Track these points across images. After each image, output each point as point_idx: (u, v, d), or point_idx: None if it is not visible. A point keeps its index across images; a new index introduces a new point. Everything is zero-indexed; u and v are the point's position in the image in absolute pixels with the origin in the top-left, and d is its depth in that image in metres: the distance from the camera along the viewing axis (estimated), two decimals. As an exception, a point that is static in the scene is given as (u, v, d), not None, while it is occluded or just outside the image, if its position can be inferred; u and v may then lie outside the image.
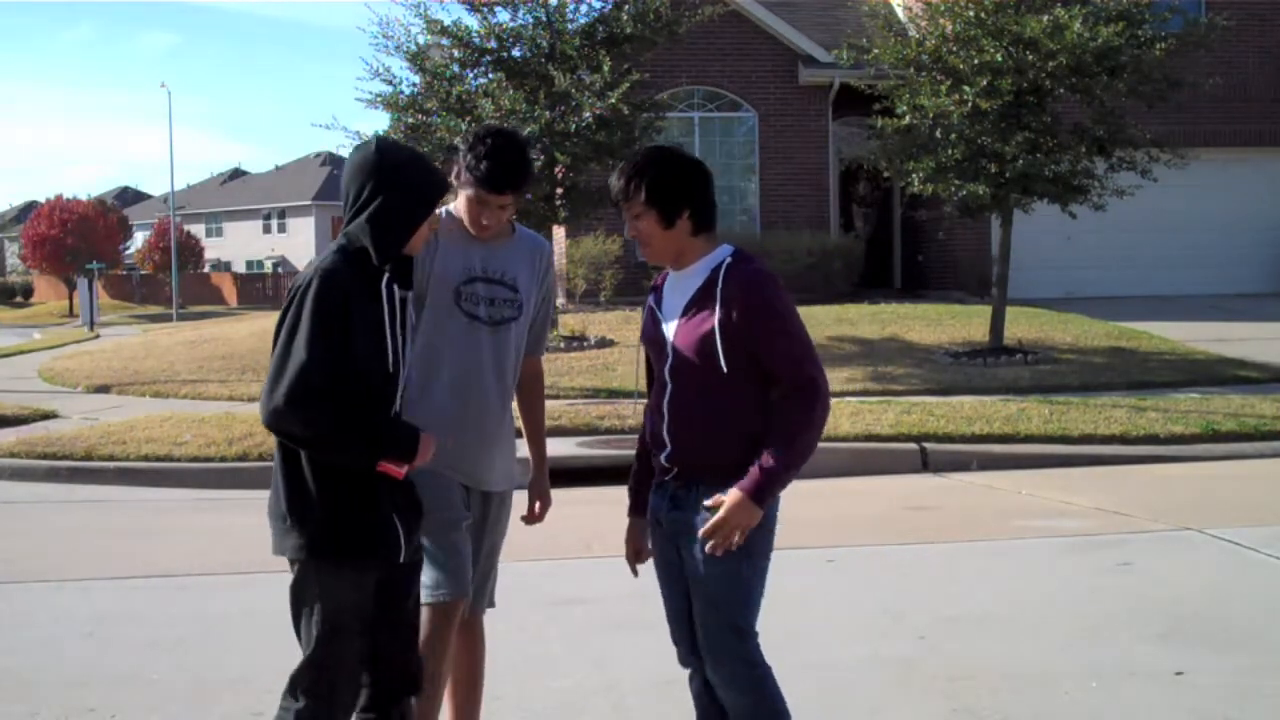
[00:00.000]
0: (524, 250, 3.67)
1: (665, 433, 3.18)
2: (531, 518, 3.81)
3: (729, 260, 3.19)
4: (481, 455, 3.59)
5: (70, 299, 50.78)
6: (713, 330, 3.09)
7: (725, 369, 3.10)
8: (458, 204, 3.61)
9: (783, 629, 5.45)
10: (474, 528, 3.62)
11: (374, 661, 3.12)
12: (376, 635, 3.10)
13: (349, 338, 2.95)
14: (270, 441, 3.21)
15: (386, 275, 3.05)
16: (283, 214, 73.22)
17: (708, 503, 3.07)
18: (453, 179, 3.58)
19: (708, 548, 3.05)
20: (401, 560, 3.10)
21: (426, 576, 3.43)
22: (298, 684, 3.06)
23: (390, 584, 3.11)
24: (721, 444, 3.12)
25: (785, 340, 3.16)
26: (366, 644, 3.07)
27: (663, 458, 3.20)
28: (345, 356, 2.94)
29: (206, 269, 66.03)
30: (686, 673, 3.35)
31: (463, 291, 3.54)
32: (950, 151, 12.95)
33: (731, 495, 3.02)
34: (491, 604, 3.77)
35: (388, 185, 3.04)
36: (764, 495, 3.04)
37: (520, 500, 3.80)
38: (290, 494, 3.01)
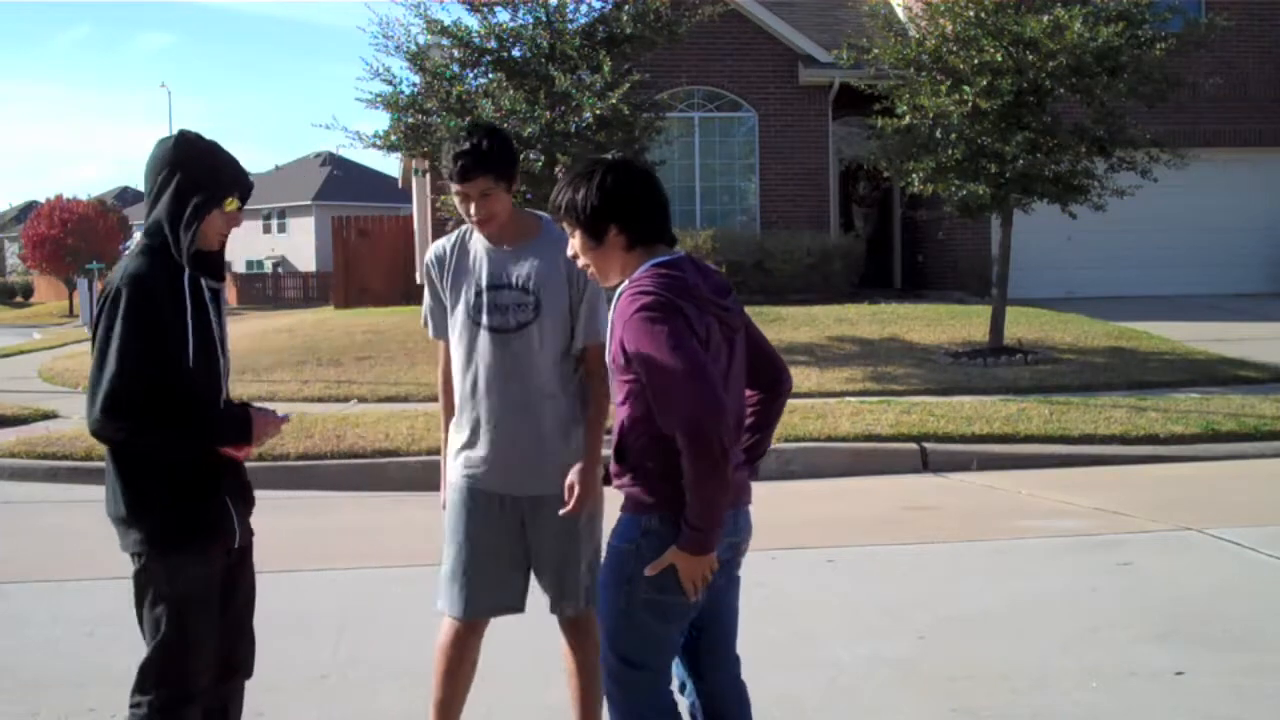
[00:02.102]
0: (546, 247, 3.65)
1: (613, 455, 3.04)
2: (566, 508, 3.61)
3: (630, 279, 2.95)
4: (512, 461, 3.61)
5: (70, 299, 50.78)
6: (612, 362, 2.95)
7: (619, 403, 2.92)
8: (460, 211, 3.69)
9: (783, 629, 5.46)
10: (513, 534, 3.64)
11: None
12: None
13: (164, 339, 3.00)
14: (270, 440, 3.28)
15: (187, 271, 3.05)
16: (283, 214, 73.17)
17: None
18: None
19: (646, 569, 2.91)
20: (237, 545, 3.20)
21: (440, 588, 3.66)
22: (148, 675, 3.08)
23: (223, 568, 3.19)
24: (635, 478, 2.95)
25: (659, 376, 2.80)
26: (213, 626, 3.13)
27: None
28: (163, 359, 2.99)
29: (206, 269, 65.92)
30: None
31: (473, 304, 3.63)
32: (950, 151, 12.95)
33: (670, 553, 2.86)
34: (588, 601, 3.66)
35: (177, 174, 3.06)
36: (694, 546, 2.83)
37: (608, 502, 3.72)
38: (126, 492, 3.08)
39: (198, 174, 3.06)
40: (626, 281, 2.95)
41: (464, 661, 3.74)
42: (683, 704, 3.14)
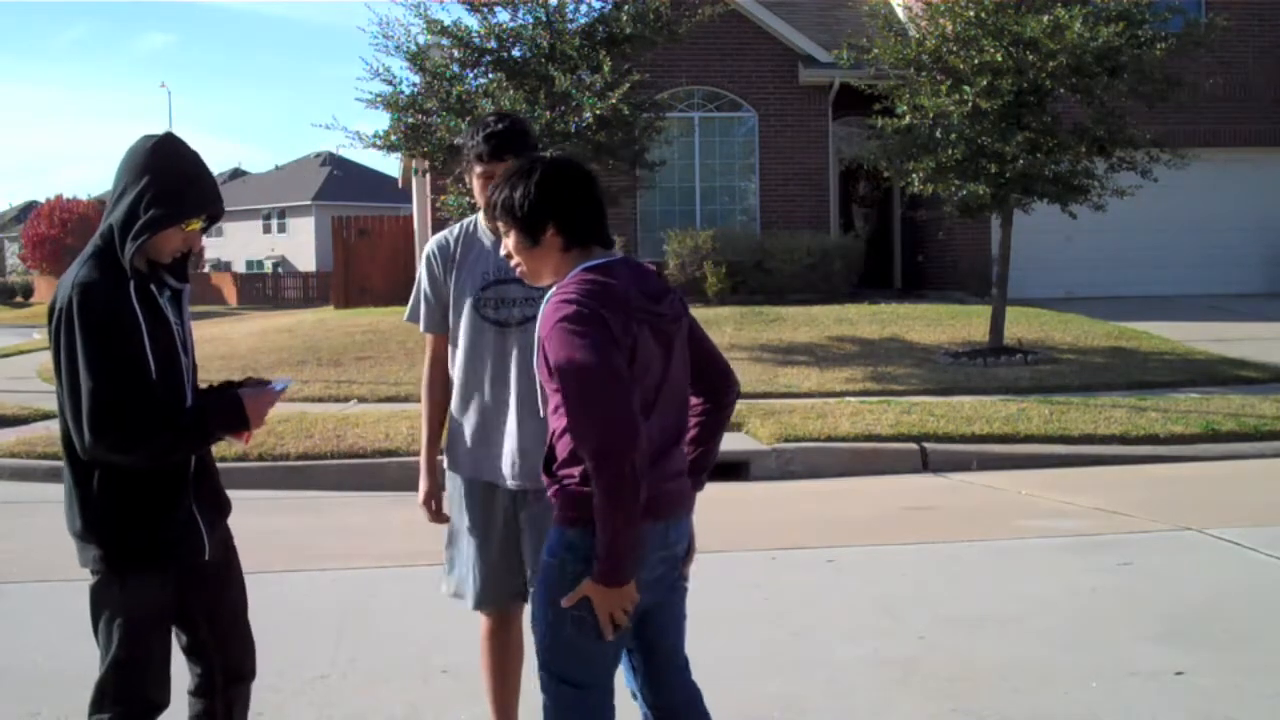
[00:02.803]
0: None
1: None
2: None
3: (558, 284, 2.83)
4: (513, 454, 3.63)
5: (70, 299, 50.73)
6: (540, 370, 2.84)
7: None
8: (477, 199, 3.72)
9: (783, 629, 5.46)
10: (512, 524, 3.67)
11: (199, 651, 3.15)
12: (196, 628, 3.13)
13: (127, 344, 2.87)
14: (269, 440, 3.27)
15: (132, 281, 2.90)
16: (283, 214, 73.20)
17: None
18: (465, 174, 3.78)
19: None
20: (206, 558, 3.07)
21: (451, 582, 3.78)
22: (105, 692, 3.00)
23: (200, 578, 3.09)
24: (561, 490, 2.86)
25: (573, 394, 2.69)
26: (169, 643, 3.06)
27: None
28: (133, 364, 2.87)
29: (206, 269, 66.01)
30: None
31: (480, 298, 3.66)
32: (950, 151, 12.95)
33: (585, 584, 2.75)
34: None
35: (143, 180, 2.91)
36: (605, 579, 2.71)
37: None
38: (83, 510, 2.95)
39: (166, 187, 2.91)
40: (555, 286, 2.83)
41: (504, 652, 3.78)
42: (636, 713, 3.07)
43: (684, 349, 2.93)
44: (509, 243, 2.92)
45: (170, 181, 2.92)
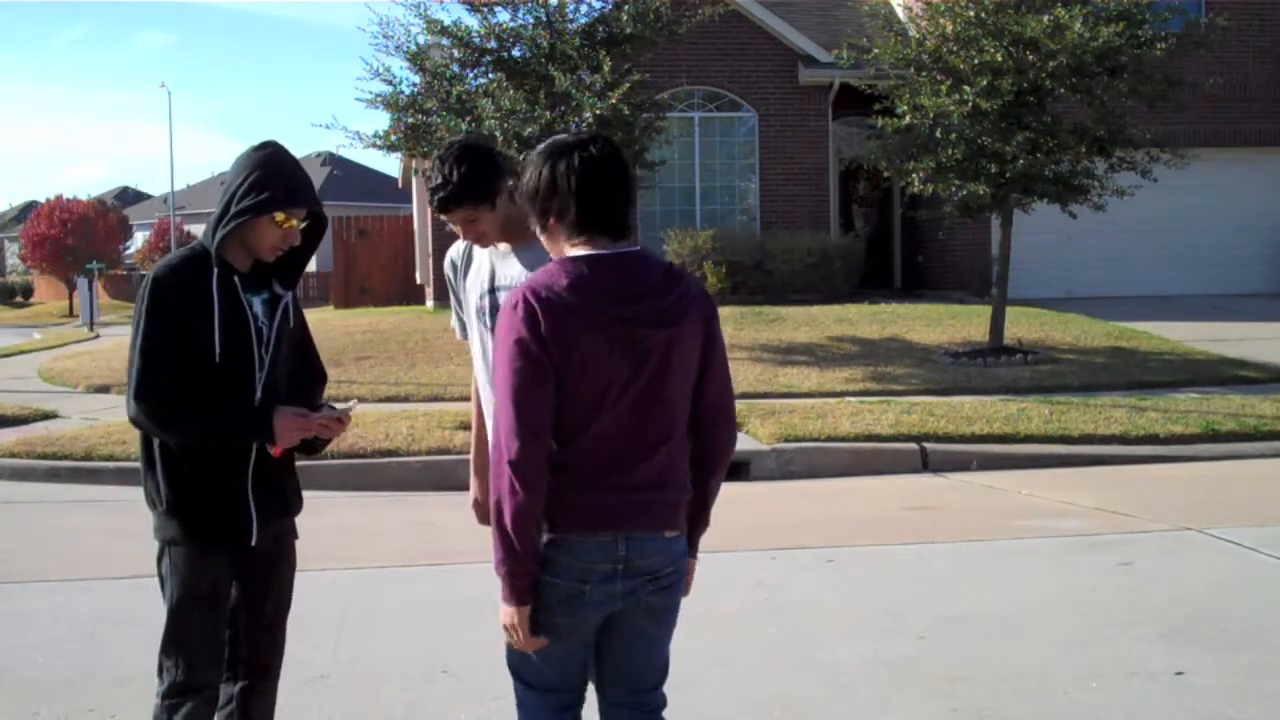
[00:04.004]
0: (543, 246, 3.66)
1: None
2: None
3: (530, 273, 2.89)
4: None
5: (70, 299, 50.73)
6: None
7: None
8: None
9: (783, 629, 5.46)
10: None
11: (236, 639, 3.22)
12: (236, 616, 3.21)
13: (182, 332, 3.04)
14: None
15: (215, 270, 3.09)
16: (283, 214, 73.24)
17: None
18: None
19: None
20: (254, 544, 3.16)
21: None
22: (161, 663, 3.14)
23: (248, 567, 3.20)
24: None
25: (495, 390, 2.69)
26: (221, 620, 3.15)
27: None
28: (184, 350, 3.05)
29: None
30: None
31: (480, 306, 3.68)
32: (950, 151, 12.95)
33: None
34: None
35: (243, 176, 3.12)
36: (503, 593, 2.70)
37: None
38: (145, 479, 3.14)
39: (257, 181, 3.10)
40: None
41: None
42: None
43: (676, 360, 2.73)
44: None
45: (261, 176, 3.10)
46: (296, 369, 3.31)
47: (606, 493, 2.69)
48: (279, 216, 3.11)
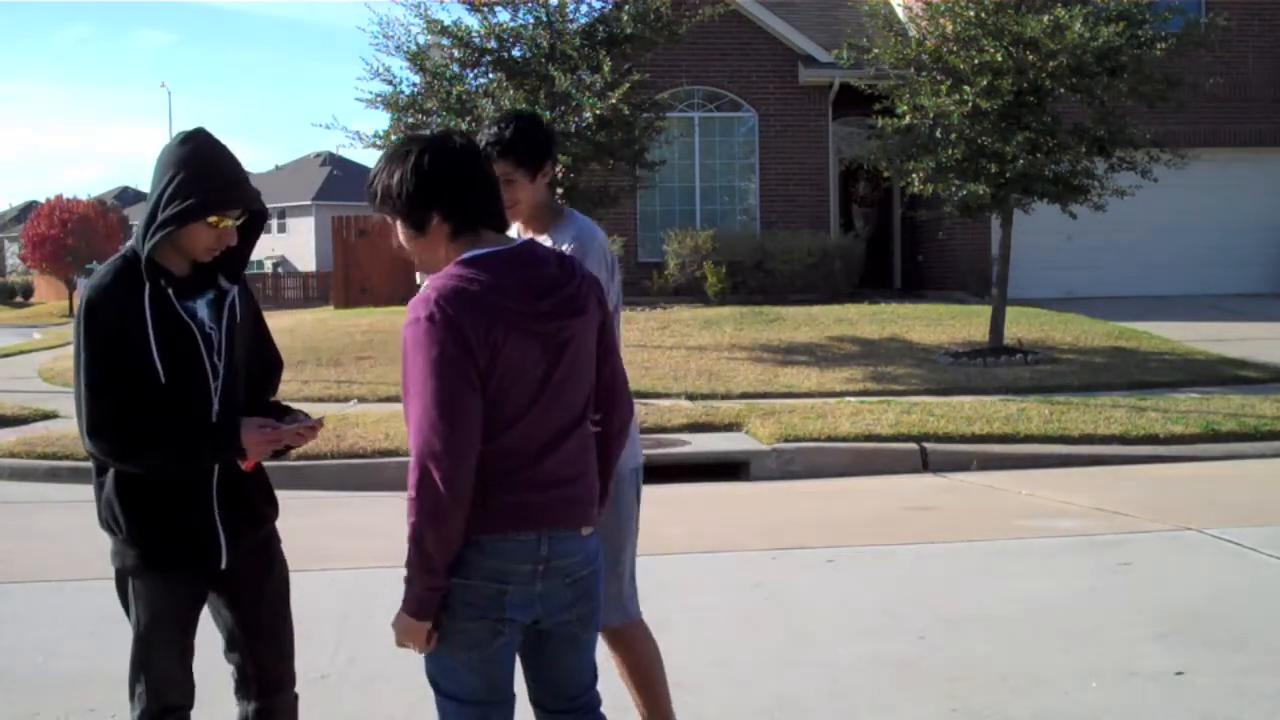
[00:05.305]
0: (563, 239, 3.60)
1: None
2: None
3: (431, 277, 2.62)
4: None
5: (70, 299, 50.74)
6: None
7: None
8: None
9: (783, 629, 5.46)
10: None
11: (241, 658, 3.12)
12: (230, 633, 3.10)
13: (126, 355, 2.82)
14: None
15: (148, 286, 2.84)
16: (283, 214, 73.16)
17: None
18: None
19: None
20: (224, 567, 2.99)
21: None
22: (131, 685, 3.01)
23: (232, 584, 3.04)
24: None
25: (409, 399, 2.53)
26: (189, 645, 3.03)
27: None
28: (130, 376, 2.82)
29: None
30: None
31: None
32: (950, 151, 12.96)
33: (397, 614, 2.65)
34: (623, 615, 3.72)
35: (169, 175, 2.84)
36: (405, 606, 2.66)
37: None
38: (98, 506, 2.96)
39: (186, 181, 2.83)
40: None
41: (626, 668, 3.76)
42: None
43: (586, 347, 2.69)
44: (398, 234, 2.69)
45: (191, 176, 2.83)
46: (254, 359, 3.11)
47: (529, 489, 2.61)
48: (211, 219, 2.86)
